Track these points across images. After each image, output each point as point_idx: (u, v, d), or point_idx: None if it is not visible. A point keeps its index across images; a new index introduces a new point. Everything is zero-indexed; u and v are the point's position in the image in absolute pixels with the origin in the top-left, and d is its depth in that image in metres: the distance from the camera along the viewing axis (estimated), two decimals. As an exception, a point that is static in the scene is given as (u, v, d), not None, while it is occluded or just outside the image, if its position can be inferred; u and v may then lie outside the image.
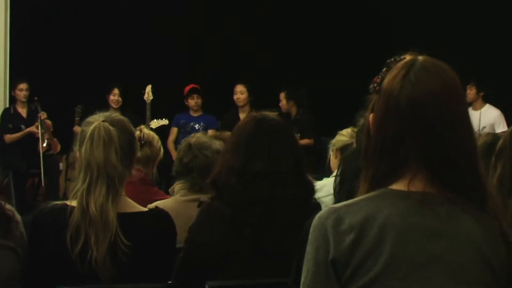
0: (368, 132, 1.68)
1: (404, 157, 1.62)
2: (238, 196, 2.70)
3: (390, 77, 1.66)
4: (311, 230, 1.63)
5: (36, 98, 8.65)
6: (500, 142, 2.43)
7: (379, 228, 1.57)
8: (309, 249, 1.62)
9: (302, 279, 1.63)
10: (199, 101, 8.99)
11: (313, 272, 1.61)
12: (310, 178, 2.90)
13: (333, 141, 4.50)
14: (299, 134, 8.49)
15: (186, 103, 9.04)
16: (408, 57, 1.69)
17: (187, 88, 9.03)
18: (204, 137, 3.81)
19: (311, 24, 10.14)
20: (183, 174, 3.72)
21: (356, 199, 1.65)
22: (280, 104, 9.06)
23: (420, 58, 1.68)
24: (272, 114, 3.04)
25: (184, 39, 9.97)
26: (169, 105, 8.92)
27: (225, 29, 9.99)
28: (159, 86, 8.72)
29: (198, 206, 2.98)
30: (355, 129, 4.05)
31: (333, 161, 4.52)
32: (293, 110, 9.09)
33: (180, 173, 3.74)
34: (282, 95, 9.10)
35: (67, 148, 8.47)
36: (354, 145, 3.97)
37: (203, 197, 3.25)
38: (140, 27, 9.74)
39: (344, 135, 4.41)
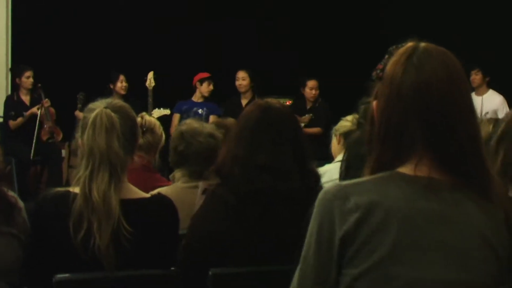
0: (372, 118, 1.68)
1: (408, 142, 1.61)
2: (241, 188, 2.69)
3: (392, 62, 1.65)
4: (316, 204, 1.62)
5: (39, 84, 8.67)
6: (502, 126, 2.35)
7: (385, 212, 1.57)
8: (313, 224, 1.62)
9: (303, 253, 1.62)
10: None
11: (314, 248, 1.60)
12: (314, 167, 2.87)
13: (336, 126, 4.50)
14: (312, 116, 8.65)
15: (199, 87, 8.92)
16: (410, 43, 1.68)
17: (204, 75, 8.98)
18: (195, 123, 3.78)
19: (311, 23, 10.14)
20: (180, 163, 3.72)
21: (364, 178, 1.64)
22: (312, 93, 9.14)
23: (422, 43, 1.67)
24: (276, 102, 3.01)
25: (183, 39, 9.96)
26: (163, 94, 8.87)
27: (224, 28, 9.98)
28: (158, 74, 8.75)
29: (203, 193, 2.97)
30: (357, 116, 4.05)
31: (336, 146, 4.51)
32: (314, 98, 9.19)
33: (176, 162, 3.73)
34: (315, 83, 9.16)
35: (69, 135, 8.46)
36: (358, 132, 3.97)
37: (201, 184, 3.24)
38: (139, 21, 9.80)
39: (348, 121, 4.40)
